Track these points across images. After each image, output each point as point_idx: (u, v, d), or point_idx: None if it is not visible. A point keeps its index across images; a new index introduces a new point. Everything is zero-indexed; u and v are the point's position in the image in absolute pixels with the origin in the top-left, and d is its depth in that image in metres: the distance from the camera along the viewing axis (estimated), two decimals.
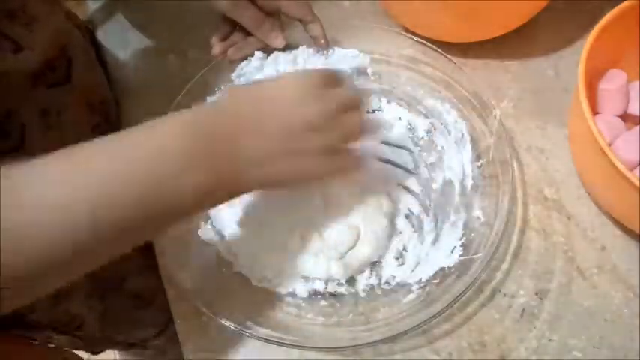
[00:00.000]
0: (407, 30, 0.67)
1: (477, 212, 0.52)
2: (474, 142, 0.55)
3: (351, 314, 0.50)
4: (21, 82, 0.53)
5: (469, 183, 0.53)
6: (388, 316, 0.49)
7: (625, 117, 0.56)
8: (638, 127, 0.54)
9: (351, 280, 0.52)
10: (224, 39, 0.59)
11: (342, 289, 0.52)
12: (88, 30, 0.72)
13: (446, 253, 0.50)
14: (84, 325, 0.70)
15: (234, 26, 0.59)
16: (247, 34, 0.59)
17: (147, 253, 0.50)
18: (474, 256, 0.48)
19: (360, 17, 0.69)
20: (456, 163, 0.55)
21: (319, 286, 0.52)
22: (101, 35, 0.71)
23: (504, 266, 0.53)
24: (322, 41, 0.59)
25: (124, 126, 0.64)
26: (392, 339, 0.47)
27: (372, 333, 0.47)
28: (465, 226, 0.51)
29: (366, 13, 0.69)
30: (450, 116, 0.56)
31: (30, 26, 0.52)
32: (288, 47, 0.59)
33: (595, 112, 0.56)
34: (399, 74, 0.61)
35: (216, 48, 0.59)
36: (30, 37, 0.52)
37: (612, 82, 0.55)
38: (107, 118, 0.65)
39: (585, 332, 0.50)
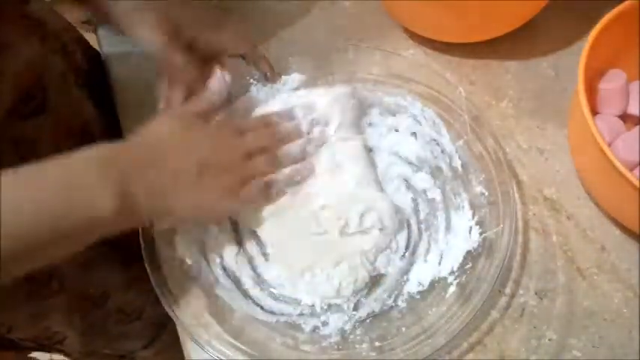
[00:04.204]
0: (407, 30, 0.67)
1: (478, 188, 0.52)
2: (448, 124, 0.55)
3: (403, 328, 0.49)
4: None
5: (458, 163, 0.54)
6: (441, 315, 0.48)
7: (625, 117, 0.56)
8: (637, 127, 0.54)
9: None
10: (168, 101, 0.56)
11: (376, 305, 0.50)
12: (82, 44, 0.68)
13: (465, 236, 0.51)
14: (66, 340, 0.69)
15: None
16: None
17: (131, 267, 0.50)
18: (495, 230, 0.49)
19: (360, 18, 0.69)
20: (437, 148, 0.56)
21: (362, 312, 0.50)
22: (101, 35, 0.71)
23: (505, 265, 0.53)
24: (272, 75, 0.58)
25: (124, 126, 0.64)
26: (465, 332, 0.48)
27: (438, 336, 0.47)
28: (472, 204, 0.52)
29: (367, 13, 0.69)
30: (416, 108, 0.57)
31: (1, 55, 0.50)
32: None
33: (595, 112, 0.56)
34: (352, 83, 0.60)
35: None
36: (1, 66, 0.50)
37: (612, 82, 0.55)
38: (89, 139, 0.62)
39: (585, 332, 0.50)
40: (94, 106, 0.65)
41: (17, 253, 0.39)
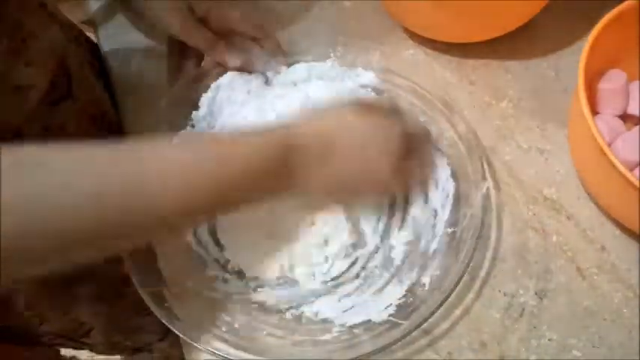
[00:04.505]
0: (407, 30, 0.67)
1: (426, 279, 0.50)
2: (457, 200, 0.53)
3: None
4: (30, 98, 0.51)
5: (433, 247, 0.52)
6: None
7: (625, 117, 0.56)
8: (637, 127, 0.54)
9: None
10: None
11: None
12: (86, 39, 0.70)
13: (380, 307, 0.49)
14: (92, 332, 0.70)
15: (183, 55, 0.59)
16: (197, 58, 0.59)
17: (134, 266, 0.50)
18: (399, 321, 0.47)
19: (360, 17, 0.69)
20: (429, 224, 0.53)
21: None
22: (101, 35, 0.71)
23: (504, 266, 0.53)
24: (281, 57, 0.60)
25: (124, 127, 0.64)
26: None
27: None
28: (409, 288, 0.50)
29: (367, 13, 0.69)
30: (443, 173, 0.54)
31: (26, 43, 0.51)
32: None
33: (595, 112, 0.56)
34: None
35: (180, 88, 0.59)
36: (27, 54, 0.51)
37: (612, 82, 0.55)
38: (108, 128, 0.64)
39: (585, 332, 0.50)
40: (109, 98, 0.66)
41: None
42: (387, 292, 0.50)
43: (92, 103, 0.62)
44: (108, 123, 0.65)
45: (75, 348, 0.75)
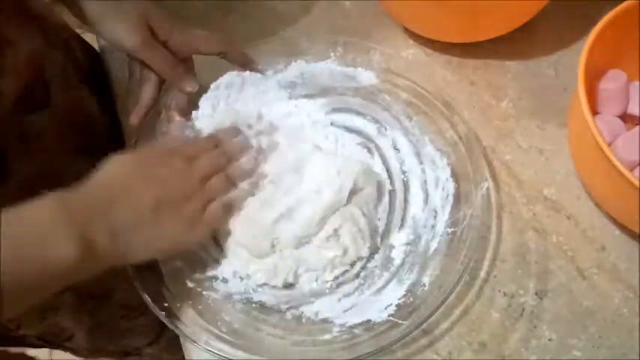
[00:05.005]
0: (407, 30, 0.67)
1: (426, 279, 0.50)
2: (457, 200, 0.53)
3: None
4: (1, 108, 0.50)
5: (433, 246, 0.52)
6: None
7: (625, 117, 0.56)
8: (637, 127, 0.54)
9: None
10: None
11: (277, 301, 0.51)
12: (80, 41, 0.69)
13: (380, 307, 0.49)
14: (74, 337, 0.69)
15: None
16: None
17: (134, 265, 0.50)
18: (399, 321, 0.47)
19: (360, 17, 0.69)
20: (429, 224, 0.54)
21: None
22: None
23: (504, 266, 0.53)
24: (251, 69, 0.60)
25: (124, 124, 0.64)
26: None
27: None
28: (409, 288, 0.50)
29: (367, 13, 0.69)
30: (443, 173, 0.55)
31: (2, 50, 0.50)
32: None
33: (595, 112, 0.56)
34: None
35: (134, 118, 0.58)
36: (3, 62, 0.50)
37: (612, 82, 0.55)
38: (92, 134, 0.63)
39: (585, 332, 0.50)
40: (96, 102, 0.65)
41: None
42: (387, 292, 0.50)
43: (74, 111, 0.60)
44: (93, 131, 0.63)
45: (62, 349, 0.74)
